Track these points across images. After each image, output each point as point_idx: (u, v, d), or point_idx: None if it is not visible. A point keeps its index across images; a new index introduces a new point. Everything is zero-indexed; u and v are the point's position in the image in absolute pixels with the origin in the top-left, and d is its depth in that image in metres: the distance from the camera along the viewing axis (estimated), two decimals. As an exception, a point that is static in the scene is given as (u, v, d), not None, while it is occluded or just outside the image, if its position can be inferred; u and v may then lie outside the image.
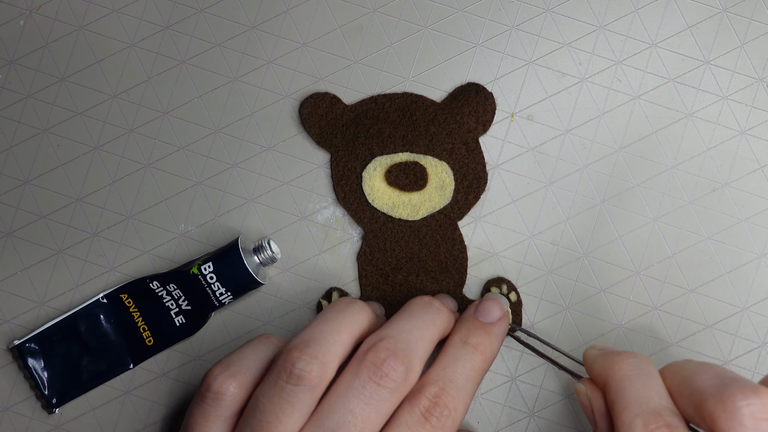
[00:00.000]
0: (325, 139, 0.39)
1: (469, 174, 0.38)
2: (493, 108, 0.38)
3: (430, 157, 0.38)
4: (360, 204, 0.38)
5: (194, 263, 0.37)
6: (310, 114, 0.39)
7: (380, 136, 0.38)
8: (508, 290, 0.38)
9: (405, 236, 0.38)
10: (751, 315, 0.38)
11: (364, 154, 0.38)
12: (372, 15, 0.39)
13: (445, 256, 0.38)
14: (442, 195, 0.38)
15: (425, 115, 0.38)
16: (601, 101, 0.39)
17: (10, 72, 0.40)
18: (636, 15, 0.39)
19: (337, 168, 0.38)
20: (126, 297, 0.38)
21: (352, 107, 0.39)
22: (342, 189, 0.38)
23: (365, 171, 0.38)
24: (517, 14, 0.39)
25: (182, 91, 0.39)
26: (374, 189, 0.38)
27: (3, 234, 0.40)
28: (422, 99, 0.39)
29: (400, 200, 0.38)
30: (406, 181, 0.38)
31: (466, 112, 0.38)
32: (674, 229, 0.38)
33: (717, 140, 0.38)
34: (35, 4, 0.40)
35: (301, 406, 0.30)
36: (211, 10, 0.40)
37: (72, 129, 0.40)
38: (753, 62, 0.38)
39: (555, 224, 0.38)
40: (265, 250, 0.37)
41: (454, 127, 0.38)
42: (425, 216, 0.38)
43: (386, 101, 0.39)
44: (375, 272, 0.38)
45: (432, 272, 0.38)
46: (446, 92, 0.39)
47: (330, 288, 0.38)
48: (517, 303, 0.38)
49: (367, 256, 0.38)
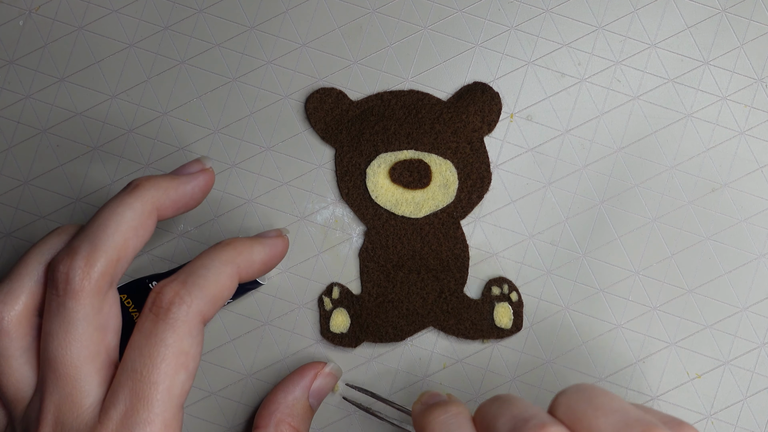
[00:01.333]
0: (330, 135, 0.39)
1: (473, 173, 0.38)
2: (498, 108, 0.38)
3: (435, 156, 0.38)
4: (363, 200, 0.38)
5: None
6: (316, 109, 0.39)
7: (385, 133, 0.38)
8: (509, 290, 0.38)
9: (407, 234, 0.38)
10: (751, 315, 0.38)
11: (369, 151, 0.38)
12: (371, 15, 0.39)
13: (446, 255, 0.38)
14: (445, 193, 0.38)
15: (431, 113, 0.38)
16: (601, 102, 0.39)
17: (9, 72, 0.40)
18: (635, 15, 0.39)
19: (341, 163, 0.38)
20: (125, 297, 0.38)
21: (358, 103, 0.39)
22: (345, 185, 0.38)
23: (369, 167, 0.38)
24: (516, 15, 0.39)
25: (181, 91, 0.39)
26: (378, 186, 0.38)
27: (2, 234, 0.40)
28: (428, 97, 0.39)
29: (404, 198, 0.38)
30: (410, 179, 0.38)
31: (471, 111, 0.38)
32: (673, 229, 0.38)
33: (716, 140, 0.38)
34: (35, 5, 0.40)
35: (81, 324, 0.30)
36: (211, 11, 0.40)
37: (71, 129, 0.40)
38: (752, 62, 0.38)
39: (554, 224, 0.38)
40: None
41: (459, 126, 0.38)
42: (428, 214, 0.38)
43: (392, 98, 0.39)
44: (376, 269, 0.38)
45: (433, 270, 0.38)
46: (446, 92, 0.39)
47: (331, 283, 0.39)
48: (518, 303, 0.38)
49: (368, 253, 0.38)
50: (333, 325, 0.38)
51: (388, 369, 0.38)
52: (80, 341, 0.29)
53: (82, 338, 0.29)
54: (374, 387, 0.38)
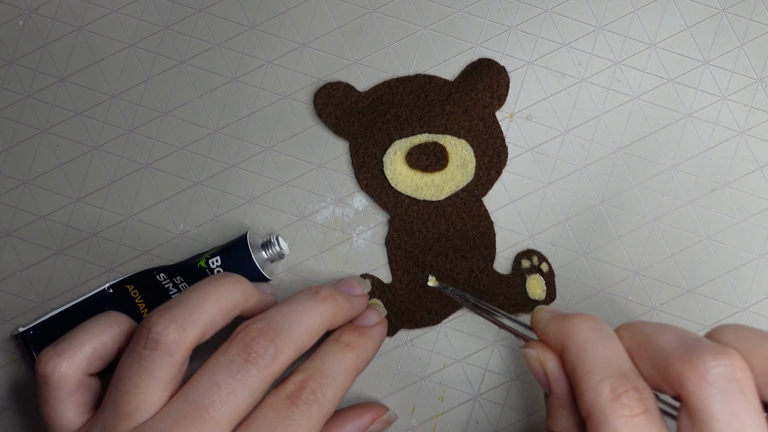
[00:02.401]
0: (342, 128, 0.39)
1: (489, 149, 0.38)
2: (506, 81, 0.38)
3: (449, 136, 0.38)
4: (383, 189, 0.38)
5: (202, 257, 0.37)
6: (326, 104, 0.39)
7: (397, 119, 0.38)
8: (539, 261, 0.38)
9: (431, 217, 0.38)
10: (750, 315, 0.38)
11: (383, 140, 0.38)
12: (371, 15, 0.39)
13: (472, 233, 0.38)
14: (464, 173, 0.38)
15: (440, 94, 0.38)
16: (600, 101, 0.39)
17: (9, 72, 0.40)
18: (635, 15, 0.39)
19: (357, 155, 0.38)
20: (132, 288, 0.38)
21: (366, 94, 0.39)
22: (364, 176, 0.38)
23: (386, 156, 0.38)
24: (516, 14, 0.39)
25: (181, 91, 0.39)
26: (396, 173, 0.38)
27: (2, 234, 0.40)
28: (435, 79, 0.39)
29: (423, 181, 0.38)
30: (427, 162, 0.38)
31: (480, 88, 0.38)
32: (673, 229, 0.38)
33: (716, 140, 0.38)
34: (34, 5, 0.40)
35: (160, 372, 0.29)
36: (210, 11, 0.40)
37: (71, 129, 0.40)
38: (752, 62, 0.38)
39: (554, 224, 0.38)
40: (274, 246, 0.37)
41: (469, 104, 0.38)
42: (449, 195, 0.38)
43: (399, 85, 0.39)
44: (404, 256, 0.38)
45: (461, 250, 0.38)
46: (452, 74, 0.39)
47: (361, 275, 0.39)
48: (549, 273, 0.38)
49: (394, 241, 0.38)
50: None
51: (388, 369, 0.38)
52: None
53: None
54: (374, 387, 0.38)
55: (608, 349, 0.28)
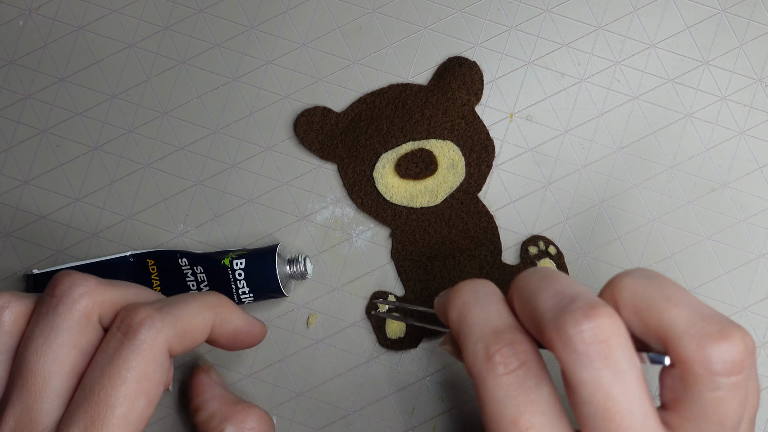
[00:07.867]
0: (327, 152, 0.39)
1: (475, 146, 0.38)
2: (480, 75, 0.38)
3: (434, 140, 0.38)
4: (379, 204, 0.38)
5: (227, 254, 0.37)
6: (306, 131, 0.39)
7: (379, 133, 0.38)
8: (546, 245, 0.38)
9: (431, 223, 0.38)
10: (750, 315, 0.38)
11: (370, 156, 0.38)
12: (371, 15, 0.39)
13: (475, 231, 0.38)
14: (455, 173, 0.38)
15: (417, 101, 0.38)
16: (600, 102, 0.39)
17: (9, 72, 0.40)
18: (635, 15, 0.39)
19: (346, 176, 0.38)
20: (152, 263, 0.38)
21: (344, 113, 0.39)
22: (358, 195, 0.38)
23: (375, 171, 0.38)
24: (516, 15, 0.39)
25: (181, 91, 0.39)
26: (389, 186, 0.38)
27: (3, 234, 0.40)
28: (410, 86, 0.39)
29: (417, 189, 0.38)
30: (417, 170, 0.38)
31: (455, 87, 0.38)
32: (673, 229, 0.38)
33: (716, 141, 0.38)
34: (35, 5, 0.40)
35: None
36: (211, 11, 0.40)
37: (71, 129, 0.40)
38: (752, 63, 0.38)
39: (554, 225, 0.38)
40: (299, 264, 0.37)
41: (448, 105, 0.38)
42: (445, 198, 0.38)
43: (375, 98, 0.39)
44: (412, 266, 0.38)
45: (467, 250, 0.38)
46: (425, 78, 0.39)
47: (373, 294, 0.38)
48: (558, 255, 0.38)
49: (400, 253, 0.38)
50: (390, 332, 0.38)
51: (388, 368, 0.38)
52: (56, 353, 0.28)
53: (59, 351, 0.28)
54: (374, 387, 0.38)
55: (484, 310, 0.27)
